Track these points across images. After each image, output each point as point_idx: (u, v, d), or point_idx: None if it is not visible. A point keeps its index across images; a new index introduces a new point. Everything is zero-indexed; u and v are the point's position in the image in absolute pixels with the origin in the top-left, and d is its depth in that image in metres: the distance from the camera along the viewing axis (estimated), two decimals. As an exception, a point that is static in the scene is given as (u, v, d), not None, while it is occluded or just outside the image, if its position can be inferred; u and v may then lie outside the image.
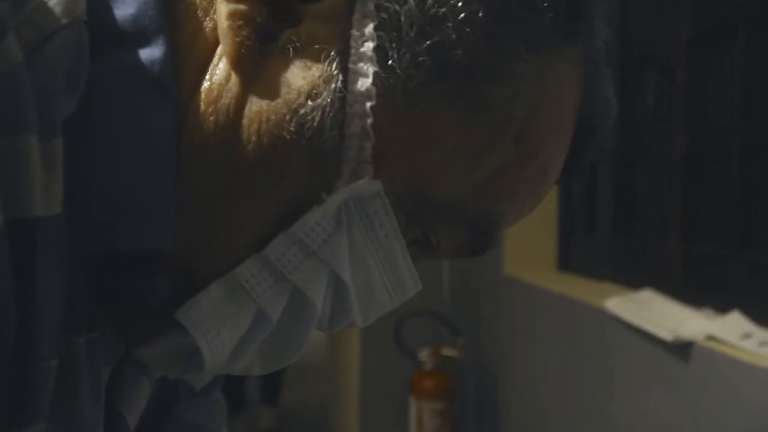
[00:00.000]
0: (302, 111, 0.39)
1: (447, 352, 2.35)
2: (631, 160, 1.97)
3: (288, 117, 0.39)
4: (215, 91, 0.40)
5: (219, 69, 0.41)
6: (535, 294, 2.06)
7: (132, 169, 0.38)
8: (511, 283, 2.25)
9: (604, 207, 2.14)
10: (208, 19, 0.41)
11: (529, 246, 2.32)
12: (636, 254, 1.86)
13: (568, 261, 2.28)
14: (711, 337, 1.27)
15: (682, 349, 1.30)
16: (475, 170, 0.41)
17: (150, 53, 0.39)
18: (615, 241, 2.01)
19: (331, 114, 0.39)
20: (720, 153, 1.54)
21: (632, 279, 1.75)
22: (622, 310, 1.50)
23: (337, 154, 0.40)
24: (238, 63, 0.40)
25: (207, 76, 0.41)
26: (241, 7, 0.39)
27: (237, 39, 0.39)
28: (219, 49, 0.41)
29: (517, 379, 2.19)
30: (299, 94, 0.39)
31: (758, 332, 1.25)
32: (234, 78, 0.40)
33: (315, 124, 0.39)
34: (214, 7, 0.41)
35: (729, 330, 1.26)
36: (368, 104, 0.39)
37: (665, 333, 1.32)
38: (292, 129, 0.39)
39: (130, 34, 0.39)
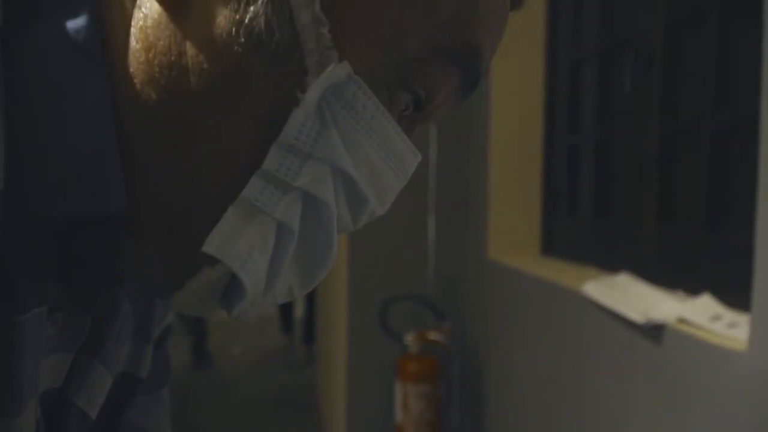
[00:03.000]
0: (246, 19, 0.38)
1: (432, 336, 2.38)
2: (611, 145, 1.99)
3: (234, 30, 0.38)
4: (151, 35, 0.40)
5: (148, 12, 0.40)
6: (518, 278, 2.08)
7: (65, 141, 0.37)
8: (495, 267, 2.27)
9: (585, 192, 2.16)
10: None
11: (512, 231, 2.34)
12: (615, 238, 1.89)
13: (551, 245, 2.30)
14: (682, 320, 1.29)
15: (654, 331, 1.33)
16: (436, 9, 0.40)
17: (75, 21, 0.38)
18: (595, 226, 2.04)
19: (275, 12, 0.38)
20: (693, 139, 1.56)
21: (611, 262, 1.77)
22: (598, 293, 1.53)
23: (296, 50, 0.39)
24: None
25: (139, 24, 0.40)
26: None
27: None
28: None
29: (500, 362, 2.21)
30: (237, 3, 0.38)
31: (727, 314, 1.27)
32: (165, 15, 0.39)
33: (262, 26, 0.38)
34: None
35: (699, 312, 1.29)
36: None
37: (638, 315, 1.35)
38: (241, 41, 0.38)
39: (54, 3, 0.38)
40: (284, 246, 0.41)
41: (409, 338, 2.38)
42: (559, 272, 1.95)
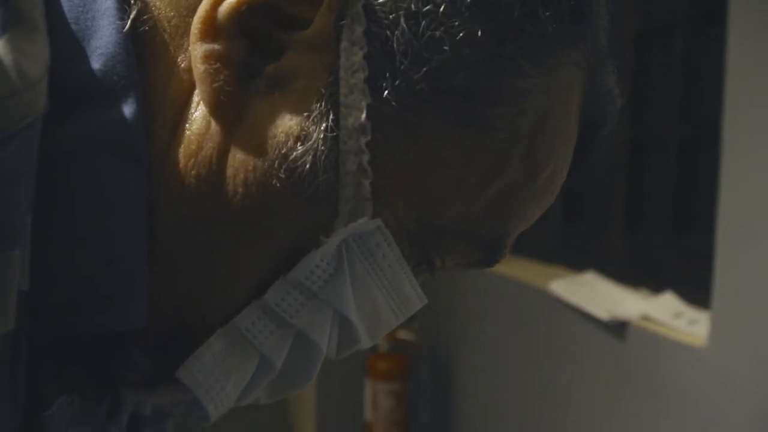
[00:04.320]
0: (292, 156, 0.36)
1: (402, 335, 2.41)
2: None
3: (277, 164, 0.36)
4: (195, 143, 0.37)
5: (197, 116, 0.38)
6: (487, 278, 2.13)
7: (96, 249, 0.35)
8: (465, 267, 2.32)
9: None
10: (180, 57, 0.38)
11: (482, 232, 2.39)
12: (583, 239, 1.95)
13: (520, 245, 2.36)
14: (645, 317, 1.35)
15: (619, 327, 1.39)
16: (483, 193, 0.39)
17: (118, 113, 0.35)
18: (564, 227, 2.10)
19: (323, 155, 0.36)
20: (659, 147, 1.63)
21: (579, 262, 1.83)
22: (565, 291, 1.58)
23: (333, 195, 0.37)
24: (217, 109, 0.37)
25: (185, 126, 0.38)
26: (217, 46, 0.36)
27: (215, 85, 0.36)
28: (195, 94, 0.38)
29: (469, 361, 2.26)
30: (287, 136, 0.36)
31: (689, 312, 1.33)
32: (214, 125, 0.37)
33: (307, 167, 0.36)
34: (186, 42, 0.38)
35: (662, 310, 1.35)
36: (363, 140, 0.36)
37: (603, 312, 1.40)
38: (282, 176, 0.36)
39: (97, 93, 0.35)
40: (261, 379, 0.41)
41: (380, 337, 2.41)
42: (526, 271, 2.00)
